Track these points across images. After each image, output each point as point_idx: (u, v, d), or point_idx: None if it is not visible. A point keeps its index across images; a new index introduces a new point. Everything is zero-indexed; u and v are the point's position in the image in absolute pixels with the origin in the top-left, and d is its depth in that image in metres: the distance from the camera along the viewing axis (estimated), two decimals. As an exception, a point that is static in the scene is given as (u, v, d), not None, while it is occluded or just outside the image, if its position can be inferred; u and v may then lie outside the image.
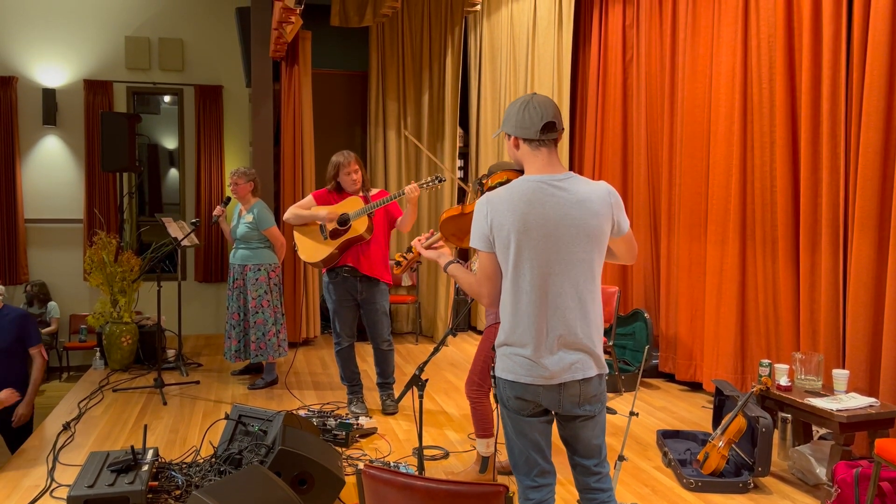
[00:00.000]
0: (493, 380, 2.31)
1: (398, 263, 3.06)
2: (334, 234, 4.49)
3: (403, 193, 4.31)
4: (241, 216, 5.30)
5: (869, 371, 3.85)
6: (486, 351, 3.43)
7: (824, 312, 4.11)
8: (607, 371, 2.29)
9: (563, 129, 2.27)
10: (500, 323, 3.39)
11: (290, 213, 4.60)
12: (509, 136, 2.27)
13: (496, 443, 3.38)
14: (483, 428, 3.48)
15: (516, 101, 2.25)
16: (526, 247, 2.15)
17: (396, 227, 4.61)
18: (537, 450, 2.25)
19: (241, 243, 5.26)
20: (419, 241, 2.77)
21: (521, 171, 2.31)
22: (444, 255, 2.58)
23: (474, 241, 2.24)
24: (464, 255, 7.30)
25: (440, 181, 4.22)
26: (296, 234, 4.62)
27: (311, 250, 4.53)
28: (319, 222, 4.53)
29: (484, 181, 2.39)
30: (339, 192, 4.59)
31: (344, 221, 4.48)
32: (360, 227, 4.45)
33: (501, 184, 2.31)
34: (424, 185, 4.26)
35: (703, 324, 5.18)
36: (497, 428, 2.72)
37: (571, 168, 7.18)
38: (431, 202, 7.18)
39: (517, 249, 2.15)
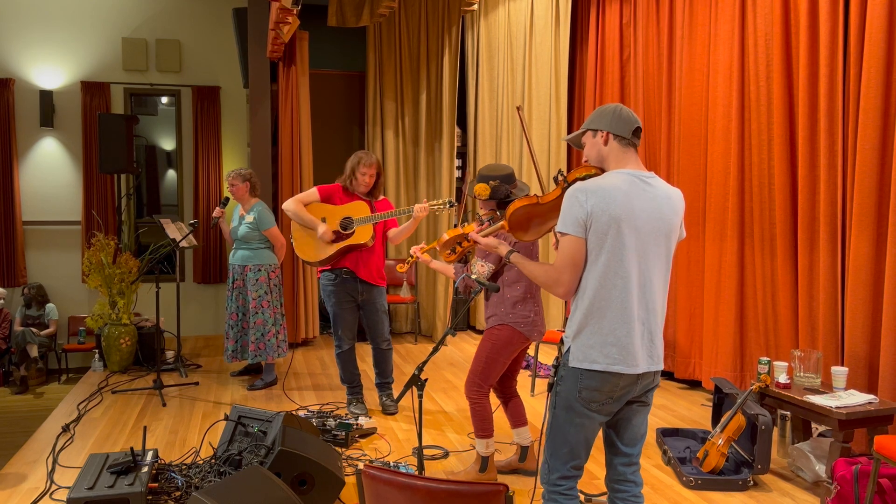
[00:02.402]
0: (554, 370, 2.32)
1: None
2: (335, 238, 4.48)
3: (410, 211, 4.28)
4: (241, 217, 5.30)
5: (868, 368, 3.86)
6: (487, 351, 3.43)
7: (823, 310, 4.12)
8: None
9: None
10: (507, 325, 3.40)
11: (290, 207, 4.50)
12: (595, 133, 2.32)
13: (535, 437, 3.37)
14: (482, 428, 3.48)
15: (608, 106, 2.34)
16: (625, 236, 2.20)
17: (388, 239, 4.61)
18: (585, 446, 2.31)
19: (241, 244, 5.26)
20: (478, 230, 2.75)
21: (601, 169, 2.34)
22: (504, 244, 2.59)
23: (566, 227, 2.23)
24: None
25: (450, 205, 4.20)
26: (294, 229, 4.60)
27: (309, 249, 4.52)
28: (317, 234, 4.46)
29: (565, 173, 2.40)
30: (349, 194, 4.58)
31: (346, 226, 4.47)
32: (363, 235, 4.42)
33: (590, 175, 2.32)
34: (435, 207, 4.23)
35: (702, 322, 5.19)
36: (544, 428, 2.64)
37: (570, 167, 7.18)
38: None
39: (617, 237, 2.19)
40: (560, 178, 2.39)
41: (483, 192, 3.28)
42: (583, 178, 2.34)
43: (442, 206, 4.20)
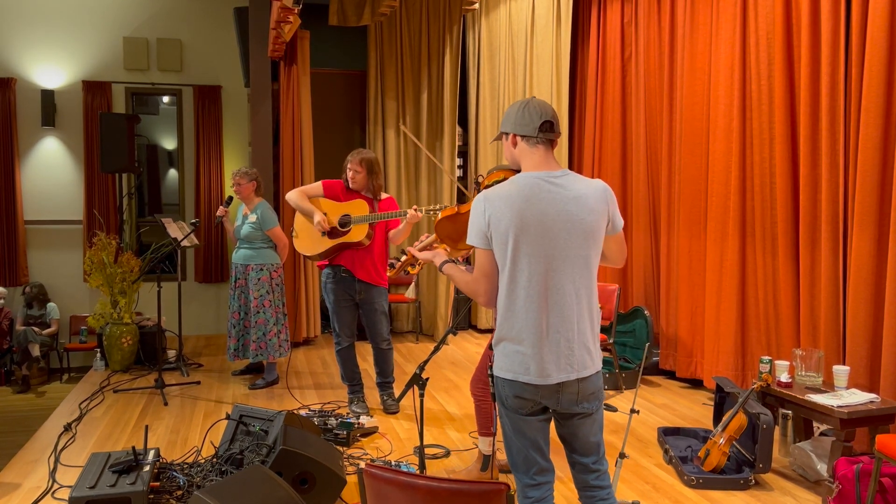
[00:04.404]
0: (490, 378, 2.31)
1: (391, 265, 3.07)
2: (332, 234, 4.49)
3: (406, 214, 4.31)
4: (245, 216, 5.30)
5: (869, 367, 3.85)
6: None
7: (824, 308, 4.11)
8: (601, 367, 2.30)
9: (559, 133, 2.28)
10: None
11: (293, 196, 4.55)
12: (507, 135, 2.29)
13: (494, 441, 3.38)
14: (486, 426, 3.49)
15: (515, 103, 2.29)
16: (524, 242, 2.15)
17: (389, 239, 4.62)
18: (536, 448, 2.25)
19: (244, 243, 5.26)
20: (415, 245, 2.77)
21: (517, 171, 2.32)
22: (440, 254, 2.58)
23: (472, 239, 2.23)
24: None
25: (443, 209, 4.21)
26: (296, 221, 4.62)
27: (308, 242, 4.55)
28: (313, 220, 4.49)
29: (480, 180, 2.39)
30: (349, 190, 4.59)
31: (345, 223, 4.48)
32: (359, 233, 4.43)
33: (499, 182, 2.31)
34: (429, 212, 4.25)
35: (704, 321, 5.19)
36: (496, 427, 2.70)
37: (570, 167, 7.18)
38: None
39: (515, 245, 2.15)
40: (474, 184, 2.40)
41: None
42: (492, 185, 2.32)
43: (437, 211, 4.22)
